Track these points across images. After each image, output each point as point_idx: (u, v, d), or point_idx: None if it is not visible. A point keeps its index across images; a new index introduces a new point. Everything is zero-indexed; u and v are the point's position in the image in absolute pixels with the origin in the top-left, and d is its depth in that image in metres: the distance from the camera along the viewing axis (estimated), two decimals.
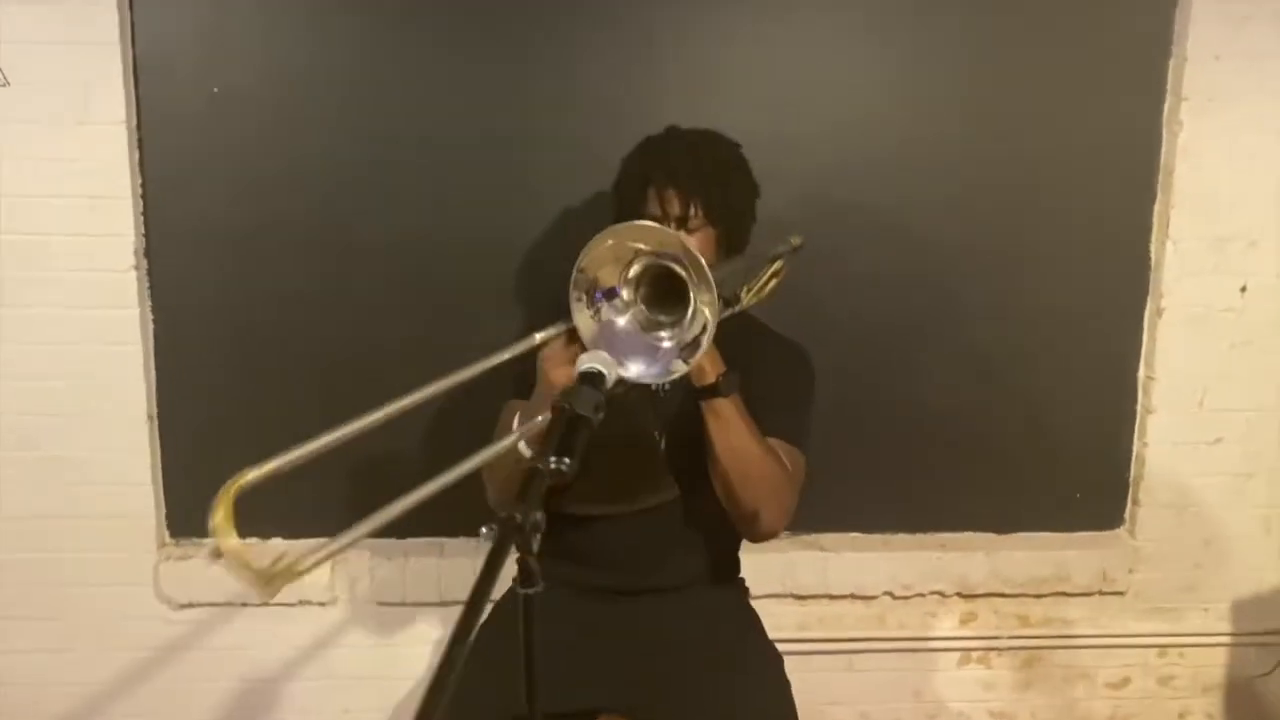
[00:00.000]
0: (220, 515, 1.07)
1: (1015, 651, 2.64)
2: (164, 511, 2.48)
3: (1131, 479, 2.62)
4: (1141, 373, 2.57)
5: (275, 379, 2.45)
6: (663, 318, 1.54)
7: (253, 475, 1.14)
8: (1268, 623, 2.66)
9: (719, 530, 1.90)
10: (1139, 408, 2.58)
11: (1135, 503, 2.61)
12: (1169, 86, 2.44)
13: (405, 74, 2.35)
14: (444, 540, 2.54)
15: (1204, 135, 2.42)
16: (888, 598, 2.58)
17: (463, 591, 2.45)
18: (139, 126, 2.32)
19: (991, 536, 2.60)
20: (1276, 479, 2.60)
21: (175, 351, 2.42)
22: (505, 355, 1.51)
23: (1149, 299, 2.54)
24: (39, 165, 2.29)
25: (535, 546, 1.09)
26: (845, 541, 2.57)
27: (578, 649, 1.80)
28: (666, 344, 1.52)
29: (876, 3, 2.39)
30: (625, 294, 1.54)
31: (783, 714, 1.79)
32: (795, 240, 1.97)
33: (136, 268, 2.35)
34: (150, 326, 2.40)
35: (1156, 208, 2.50)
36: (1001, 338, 2.53)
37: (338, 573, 2.50)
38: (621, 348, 1.50)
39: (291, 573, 1.10)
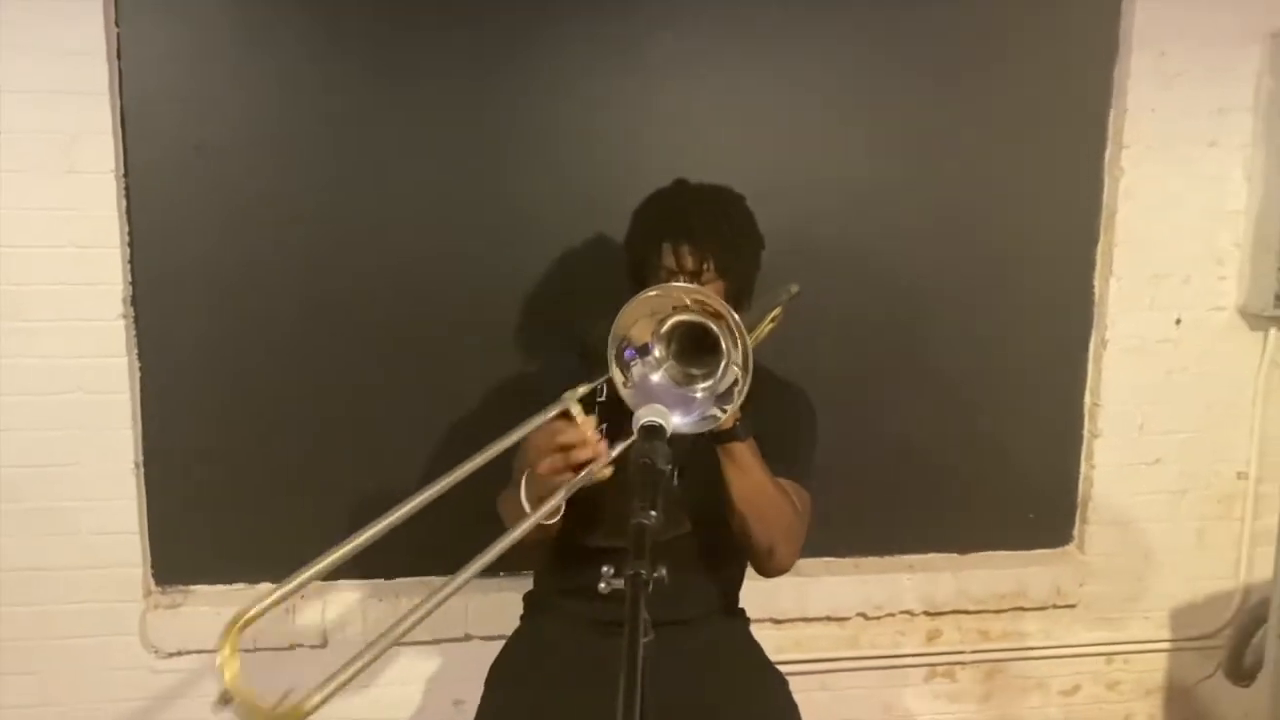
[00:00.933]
0: (226, 652, 0.99)
1: (978, 665, 2.79)
2: (150, 560, 2.47)
3: (1080, 499, 2.80)
4: (1088, 400, 2.76)
5: (262, 427, 2.47)
6: (695, 370, 1.63)
7: (254, 610, 1.05)
8: (1203, 627, 2.87)
9: (729, 563, 2.01)
10: (1086, 433, 2.77)
11: (1084, 521, 2.80)
12: (1110, 136, 2.64)
13: (389, 121, 2.40)
14: (433, 579, 2.58)
15: (1143, 180, 2.63)
16: (860, 618, 2.71)
17: (454, 629, 2.52)
18: (126, 175, 2.32)
19: (954, 557, 2.76)
20: (1208, 494, 2.81)
21: (162, 400, 2.42)
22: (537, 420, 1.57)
23: (1094, 332, 2.73)
24: (27, 215, 2.27)
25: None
26: (820, 566, 2.69)
27: (593, 682, 1.87)
28: (700, 395, 1.62)
29: (839, 62, 2.53)
30: (658, 351, 1.62)
31: None
32: (794, 288, 2.08)
33: (124, 316, 2.35)
34: (138, 375, 2.39)
35: (1100, 247, 2.69)
36: (959, 371, 2.69)
37: (329, 614, 2.51)
38: (658, 401, 1.59)
39: (299, 713, 0.99)
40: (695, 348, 1.63)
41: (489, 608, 2.51)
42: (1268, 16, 2.58)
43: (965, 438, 2.72)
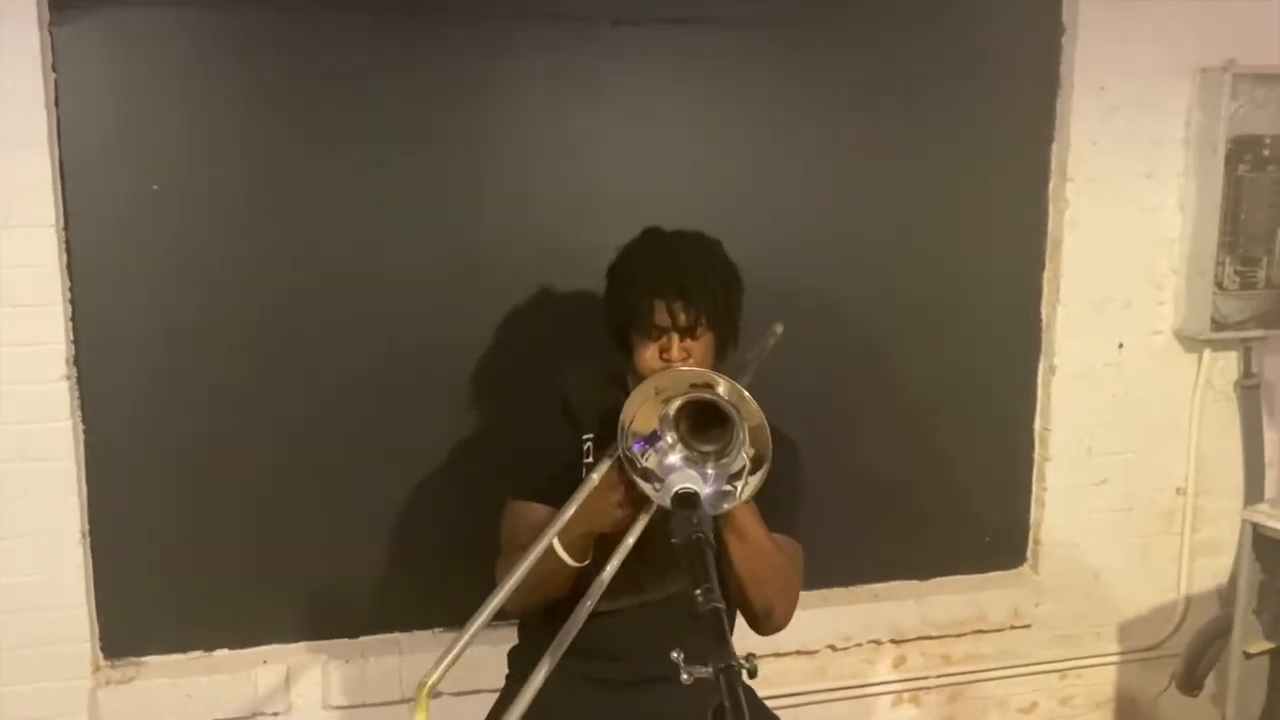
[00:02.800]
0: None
1: (941, 688, 2.84)
2: (99, 633, 2.33)
3: (1032, 521, 2.88)
4: (1038, 425, 2.83)
5: (213, 489, 2.36)
6: (706, 447, 1.61)
7: (437, 674, 1.24)
8: (1148, 639, 2.97)
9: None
10: (1037, 456, 2.85)
11: (1037, 542, 2.88)
12: (1053, 168, 2.72)
13: (344, 168, 2.32)
14: (400, 636, 2.50)
15: (1086, 210, 2.71)
16: (829, 650, 2.73)
17: None
18: (67, 229, 2.18)
19: (916, 583, 2.80)
20: (1150, 510, 2.92)
21: (108, 465, 2.28)
22: (570, 509, 1.56)
23: (1042, 358, 2.81)
24: None
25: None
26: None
27: None
28: (713, 471, 1.59)
29: (789, 100, 2.54)
30: (669, 436, 1.59)
31: None
32: (778, 329, 2.08)
33: (67, 378, 2.21)
34: (82, 439, 2.25)
35: (1046, 275, 2.77)
36: (914, 400, 2.74)
37: (292, 678, 2.41)
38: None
39: None
40: (703, 422, 1.61)
41: (460, 662, 2.43)
42: (1197, 52, 2.69)
43: (922, 465, 2.77)
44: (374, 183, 2.34)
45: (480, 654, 2.46)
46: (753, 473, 1.55)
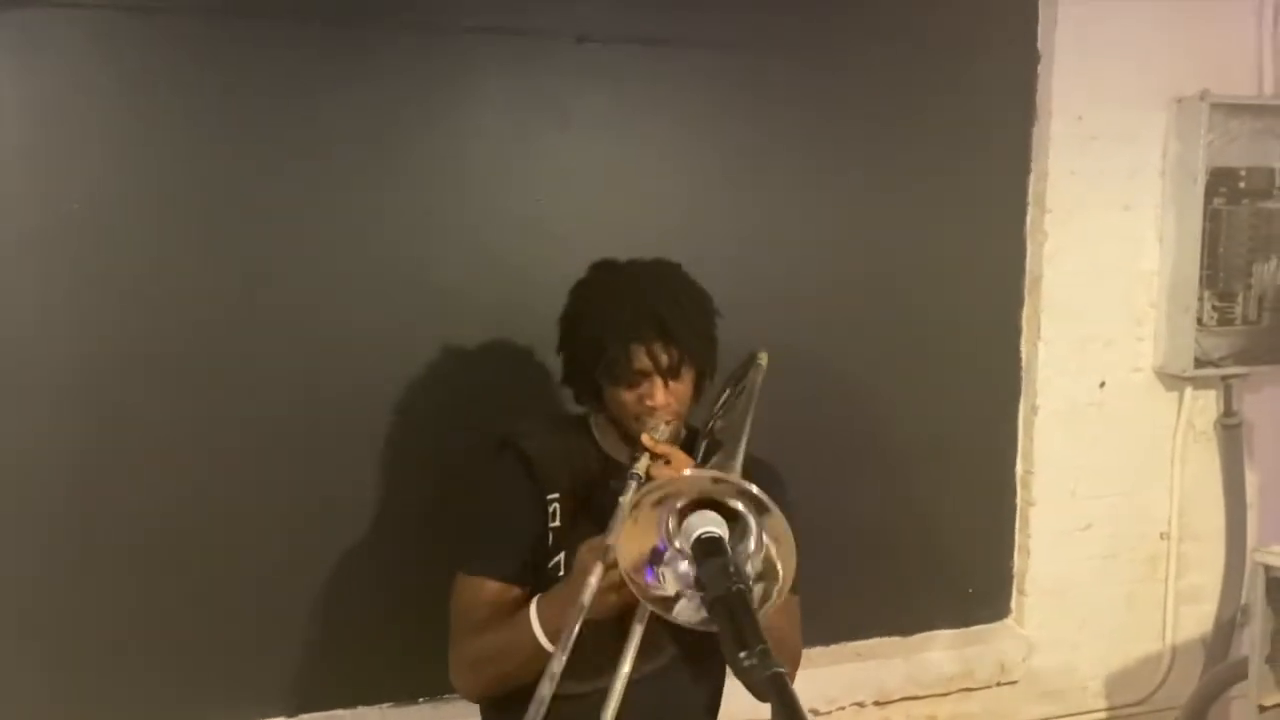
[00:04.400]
0: None
1: None
2: None
3: (1016, 570, 2.74)
4: (1020, 468, 2.70)
5: (132, 555, 2.08)
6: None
7: None
8: (1134, 694, 2.83)
9: (714, 679, 1.81)
10: (1020, 501, 2.71)
11: (1021, 592, 2.73)
12: (1031, 199, 2.62)
13: (280, 190, 2.10)
14: (343, 713, 2.24)
15: (1065, 243, 2.61)
16: (812, 715, 2.53)
17: None
18: None
19: (899, 640, 2.63)
20: (1135, 556, 2.80)
21: None
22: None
23: (1023, 398, 2.68)
24: None
25: None
26: None
27: None
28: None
29: (762, 136, 2.40)
30: (677, 543, 1.28)
31: None
32: (763, 361, 1.90)
33: None
34: None
35: (1025, 311, 2.66)
36: (892, 447, 2.59)
37: None
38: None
39: None
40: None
41: None
42: (1172, 82, 2.63)
43: (903, 515, 2.61)
44: (319, 202, 2.12)
45: None
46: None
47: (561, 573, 1.62)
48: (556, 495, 1.67)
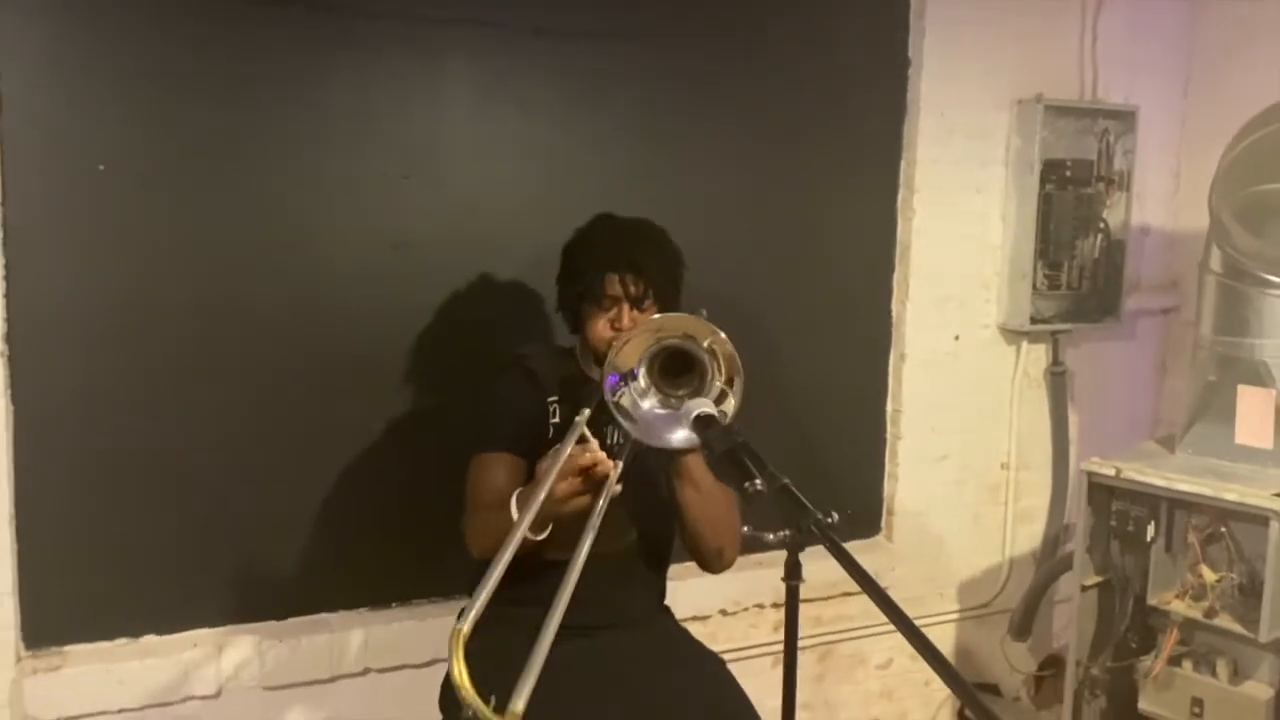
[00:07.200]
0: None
1: (814, 648, 3.13)
2: (21, 622, 2.27)
3: (886, 494, 3.25)
4: (890, 407, 3.21)
5: (142, 472, 2.36)
6: (679, 391, 1.81)
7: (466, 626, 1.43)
8: (980, 598, 3.39)
9: (665, 563, 2.21)
10: (889, 435, 3.22)
11: (890, 513, 3.24)
12: (902, 181, 3.12)
13: (277, 150, 2.41)
14: (329, 616, 2.55)
15: (929, 220, 3.13)
16: (720, 615, 2.97)
17: (356, 665, 2.50)
18: (4, 203, 2.16)
19: None
20: (981, 483, 3.35)
21: (38, 446, 2.25)
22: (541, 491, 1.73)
23: (893, 348, 3.19)
24: None
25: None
26: (686, 570, 2.92)
27: (552, 688, 1.99)
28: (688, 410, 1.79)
29: (674, 124, 2.79)
30: (643, 379, 1.78)
31: (747, 703, 2.13)
32: (704, 313, 2.32)
33: (1, 355, 2.18)
34: (11, 420, 2.21)
35: (896, 276, 3.17)
36: (786, 390, 3.03)
37: (225, 660, 2.42)
38: (660, 425, 1.77)
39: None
40: (676, 370, 1.82)
41: (388, 639, 2.54)
42: (1015, 87, 3.18)
43: (792, 446, 3.04)
44: (309, 171, 2.43)
45: (407, 630, 2.58)
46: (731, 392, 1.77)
47: None
48: (556, 399, 2.05)
